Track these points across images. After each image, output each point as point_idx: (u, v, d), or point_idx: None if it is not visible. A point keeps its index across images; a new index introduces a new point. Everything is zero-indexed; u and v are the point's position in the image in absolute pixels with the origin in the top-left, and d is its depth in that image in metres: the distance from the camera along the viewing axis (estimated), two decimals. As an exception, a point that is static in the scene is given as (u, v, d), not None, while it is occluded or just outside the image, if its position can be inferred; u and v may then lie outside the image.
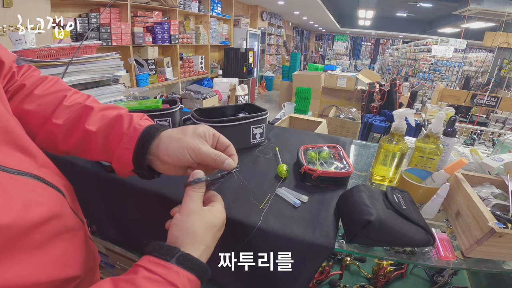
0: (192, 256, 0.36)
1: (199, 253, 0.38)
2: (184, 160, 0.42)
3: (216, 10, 4.96)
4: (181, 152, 0.42)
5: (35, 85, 0.46)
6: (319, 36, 16.21)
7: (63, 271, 0.34)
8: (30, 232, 0.30)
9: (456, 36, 7.56)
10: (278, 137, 1.02)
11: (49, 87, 0.46)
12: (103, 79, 1.22)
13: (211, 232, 0.40)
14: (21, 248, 0.29)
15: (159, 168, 0.44)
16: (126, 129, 0.43)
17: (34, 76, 0.48)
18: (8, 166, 0.31)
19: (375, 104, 3.09)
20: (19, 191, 0.31)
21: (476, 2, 4.63)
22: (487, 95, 2.38)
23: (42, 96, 0.45)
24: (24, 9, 2.08)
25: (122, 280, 0.32)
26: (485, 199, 0.61)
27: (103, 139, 0.43)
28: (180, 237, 0.38)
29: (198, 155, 0.42)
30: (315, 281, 0.98)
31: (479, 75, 5.55)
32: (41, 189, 0.35)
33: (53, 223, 0.33)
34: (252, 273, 0.60)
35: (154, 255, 0.35)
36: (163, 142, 0.43)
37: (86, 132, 0.43)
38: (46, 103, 0.44)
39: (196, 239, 0.38)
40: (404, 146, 0.73)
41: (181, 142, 0.42)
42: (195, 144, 0.42)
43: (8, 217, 0.28)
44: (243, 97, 4.20)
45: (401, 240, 0.53)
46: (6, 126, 0.34)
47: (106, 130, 0.44)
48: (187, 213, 0.39)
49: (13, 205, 0.29)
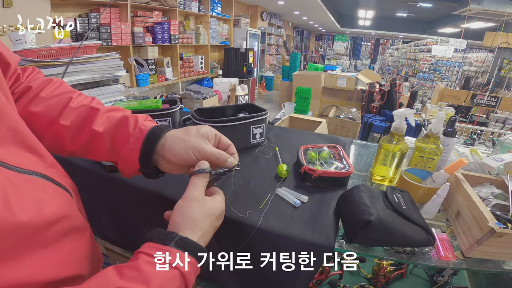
0: (190, 240, 0.38)
1: (197, 238, 0.39)
2: (188, 159, 0.44)
3: (216, 10, 4.96)
4: (186, 151, 0.43)
5: (41, 87, 0.47)
6: (319, 36, 16.21)
7: (71, 269, 0.35)
8: (44, 230, 0.31)
9: (456, 36, 7.55)
10: (278, 137, 1.02)
11: (55, 89, 0.48)
12: (103, 79, 1.22)
13: (209, 220, 0.42)
14: (34, 246, 0.29)
15: (163, 167, 0.46)
16: (132, 130, 0.45)
17: (40, 79, 0.49)
18: (18, 165, 0.32)
19: (375, 104, 3.09)
20: (30, 191, 0.31)
21: (476, 2, 4.63)
22: (487, 95, 2.37)
23: (49, 98, 0.46)
24: (24, 9, 2.08)
25: (125, 266, 0.33)
26: (485, 199, 0.61)
27: (110, 139, 0.45)
28: (180, 223, 0.40)
29: (202, 154, 0.44)
30: (315, 281, 0.98)
31: (479, 75, 5.55)
32: (51, 188, 0.35)
33: (64, 222, 0.34)
34: (252, 273, 0.60)
35: (154, 241, 0.37)
36: (168, 142, 0.44)
37: (93, 133, 0.45)
38: (52, 105, 0.46)
39: (195, 225, 0.40)
40: (404, 146, 0.73)
41: (185, 142, 0.44)
42: (199, 144, 0.44)
43: (25, 215, 0.28)
44: (243, 97, 4.19)
45: (401, 240, 0.53)
46: (16, 127, 0.34)
47: (112, 131, 0.45)
48: (189, 199, 0.41)
49: (28, 203, 0.30)
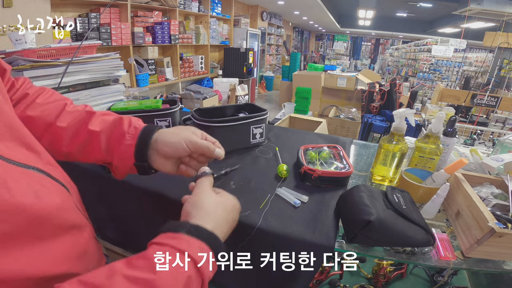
0: (203, 227, 0.38)
1: (210, 227, 0.39)
2: (180, 149, 0.48)
3: (216, 10, 4.96)
4: (179, 142, 0.48)
5: (36, 94, 0.50)
6: (319, 36, 16.20)
7: (67, 266, 0.35)
8: (43, 221, 0.31)
9: (456, 36, 7.55)
10: (278, 137, 1.02)
11: (49, 97, 0.52)
12: (103, 79, 1.22)
13: (220, 209, 0.43)
14: (32, 237, 0.30)
15: (156, 162, 0.49)
16: (127, 129, 0.49)
17: (34, 87, 0.52)
18: (16, 160, 0.32)
19: (375, 104, 3.09)
20: (29, 182, 0.32)
21: (476, 2, 4.63)
22: (487, 95, 2.37)
23: (45, 104, 0.49)
24: (24, 9, 2.08)
25: (134, 257, 0.34)
26: (485, 199, 0.61)
27: (106, 138, 0.48)
28: (192, 212, 0.41)
29: (194, 145, 0.49)
30: (315, 281, 0.98)
31: (479, 75, 5.54)
32: (48, 183, 0.36)
33: (61, 217, 0.35)
34: (252, 273, 0.60)
35: (166, 231, 0.37)
36: (162, 137, 0.49)
37: (90, 132, 0.48)
38: (49, 109, 0.49)
39: (207, 214, 0.41)
40: (404, 146, 0.73)
41: (178, 135, 0.49)
42: (191, 136, 0.49)
43: (25, 199, 0.29)
44: (243, 97, 4.19)
45: (401, 240, 0.53)
46: (12, 124, 0.35)
47: (108, 130, 0.49)
48: (199, 193, 0.45)
49: (27, 192, 0.30)
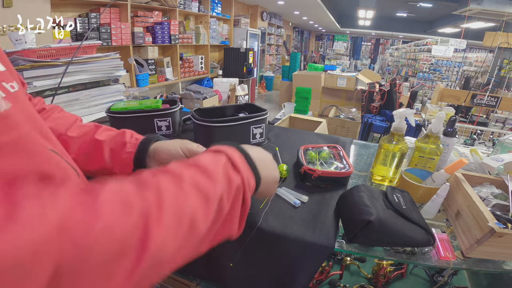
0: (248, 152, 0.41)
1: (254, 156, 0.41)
2: (176, 155, 0.53)
3: (216, 10, 4.96)
4: (175, 148, 0.54)
5: (52, 110, 0.59)
6: (319, 36, 16.20)
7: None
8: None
9: (456, 36, 7.55)
10: (278, 137, 1.02)
11: (61, 112, 0.60)
12: (103, 79, 1.22)
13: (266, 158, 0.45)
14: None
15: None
16: (129, 139, 0.56)
17: (49, 105, 0.60)
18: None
19: (375, 104, 3.09)
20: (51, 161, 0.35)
21: (476, 2, 4.63)
22: (487, 95, 2.37)
23: (59, 118, 0.58)
24: (24, 9, 2.07)
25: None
26: (485, 199, 0.61)
27: (109, 147, 0.55)
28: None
29: (189, 150, 0.54)
30: (315, 281, 0.98)
31: (479, 75, 5.54)
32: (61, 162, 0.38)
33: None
34: (252, 273, 0.60)
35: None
36: (159, 146, 0.55)
37: (96, 142, 0.55)
38: (62, 122, 0.57)
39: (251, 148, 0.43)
40: (404, 146, 0.73)
41: (174, 143, 0.55)
42: (186, 142, 0.55)
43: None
44: (243, 97, 4.19)
45: (401, 240, 0.53)
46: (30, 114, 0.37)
47: (112, 141, 0.56)
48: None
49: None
